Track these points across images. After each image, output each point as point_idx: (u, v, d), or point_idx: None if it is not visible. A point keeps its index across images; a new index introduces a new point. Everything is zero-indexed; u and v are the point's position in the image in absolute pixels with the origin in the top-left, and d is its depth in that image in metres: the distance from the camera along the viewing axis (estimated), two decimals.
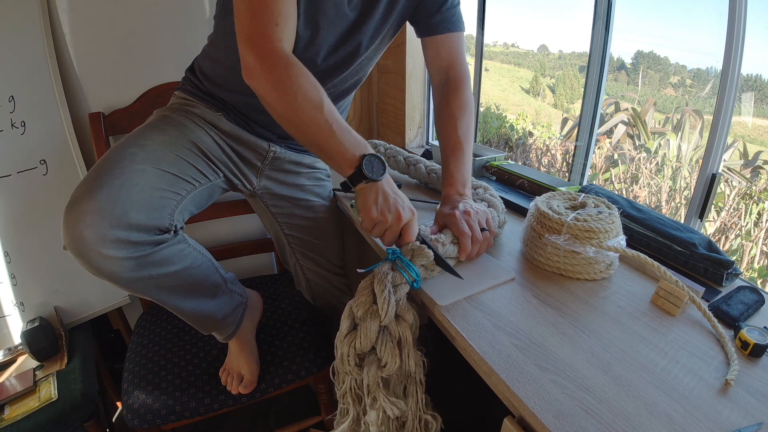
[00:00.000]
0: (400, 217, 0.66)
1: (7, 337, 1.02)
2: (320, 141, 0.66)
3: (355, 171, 0.66)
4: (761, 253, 1.64)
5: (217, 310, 0.82)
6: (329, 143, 0.66)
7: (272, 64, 0.64)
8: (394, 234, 0.68)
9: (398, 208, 0.67)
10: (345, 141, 0.66)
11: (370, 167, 0.65)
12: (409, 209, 0.68)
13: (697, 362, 0.53)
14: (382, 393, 0.61)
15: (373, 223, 0.67)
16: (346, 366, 0.62)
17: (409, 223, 0.68)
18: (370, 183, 0.66)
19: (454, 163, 0.82)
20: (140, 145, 0.71)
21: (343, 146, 0.66)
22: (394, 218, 0.66)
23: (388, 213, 0.66)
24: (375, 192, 0.66)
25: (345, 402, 0.66)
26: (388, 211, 0.66)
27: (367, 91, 1.61)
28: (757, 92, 1.91)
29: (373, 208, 0.66)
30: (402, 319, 0.62)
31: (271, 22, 0.64)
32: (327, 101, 0.66)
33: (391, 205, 0.66)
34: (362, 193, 0.67)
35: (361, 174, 0.65)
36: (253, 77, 0.65)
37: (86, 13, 1.01)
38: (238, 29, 0.66)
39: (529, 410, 0.47)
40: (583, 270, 0.69)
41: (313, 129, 0.65)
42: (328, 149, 0.67)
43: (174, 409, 0.85)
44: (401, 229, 0.68)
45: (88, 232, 0.60)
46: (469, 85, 0.89)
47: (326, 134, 0.65)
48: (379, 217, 0.66)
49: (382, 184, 0.67)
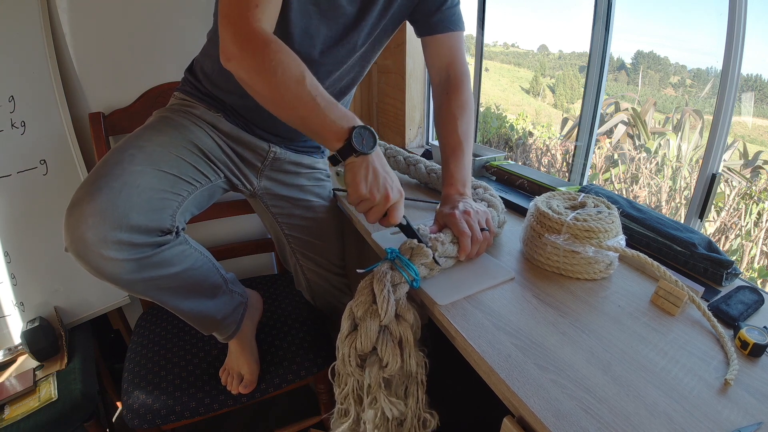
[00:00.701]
0: (388, 197, 0.65)
1: (7, 337, 1.02)
2: (305, 116, 0.64)
3: (345, 144, 0.63)
4: (761, 253, 1.64)
5: (218, 311, 0.82)
6: (315, 117, 0.63)
7: (249, 43, 0.62)
8: (379, 212, 0.67)
9: (387, 188, 0.65)
10: (331, 113, 0.63)
11: (359, 139, 0.63)
12: (397, 190, 0.67)
13: (697, 362, 0.53)
14: (383, 393, 0.61)
15: (360, 199, 0.65)
16: (348, 367, 0.62)
17: (396, 204, 0.67)
18: (361, 156, 0.64)
19: (454, 163, 0.82)
20: (140, 147, 0.71)
21: (329, 119, 0.63)
22: (382, 197, 0.65)
23: (376, 191, 0.65)
24: (365, 167, 0.64)
25: (345, 403, 0.66)
26: (376, 189, 0.65)
27: (367, 91, 1.61)
28: (757, 92, 1.91)
29: (362, 184, 0.64)
30: (402, 319, 0.62)
31: (251, 4, 0.63)
32: (309, 75, 0.64)
33: (381, 184, 0.65)
34: (352, 168, 0.65)
35: (350, 147, 0.63)
36: (231, 59, 0.63)
37: (86, 13, 1.01)
38: (220, 15, 0.64)
39: (528, 410, 0.47)
40: (582, 270, 0.69)
41: (297, 104, 0.63)
42: (314, 124, 0.64)
43: (174, 409, 0.85)
44: (387, 209, 0.67)
45: (90, 234, 0.60)
46: (469, 84, 0.89)
47: (311, 108, 0.63)
48: (366, 194, 0.65)
49: (373, 158, 0.65)
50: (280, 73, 0.62)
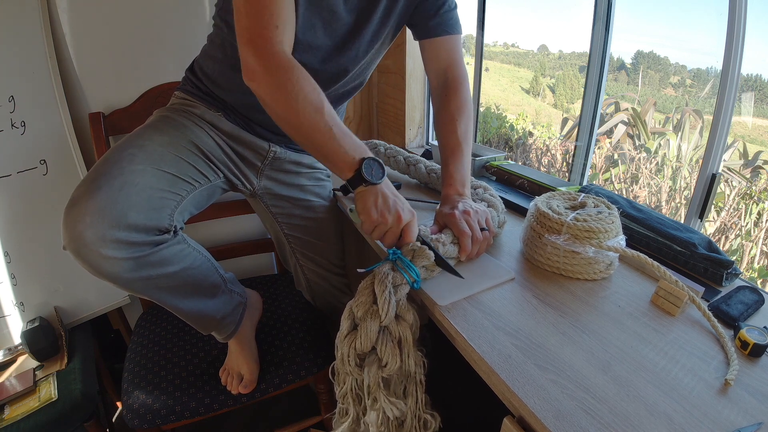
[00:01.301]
0: (401, 219, 0.67)
1: (7, 337, 1.02)
2: (320, 144, 0.67)
3: (355, 174, 0.66)
4: (761, 253, 1.64)
5: (216, 310, 0.82)
6: (329, 146, 0.66)
7: (273, 67, 0.65)
8: (394, 235, 0.68)
9: (398, 210, 0.67)
10: (345, 144, 0.66)
11: (369, 170, 0.66)
12: (408, 211, 0.69)
13: (697, 362, 0.53)
14: (383, 393, 0.61)
15: (374, 225, 0.67)
16: (347, 366, 0.62)
17: (409, 224, 0.68)
18: (370, 186, 0.67)
19: (453, 164, 0.82)
20: (140, 146, 0.71)
21: (342, 149, 0.66)
22: (394, 220, 0.67)
23: (388, 215, 0.67)
24: (374, 195, 0.67)
25: (345, 402, 0.66)
26: (388, 212, 0.67)
27: (367, 91, 1.61)
28: (757, 92, 1.91)
29: (372, 211, 0.66)
30: (402, 319, 0.62)
31: (271, 24, 0.65)
32: (327, 105, 0.67)
33: (391, 207, 0.67)
34: (362, 197, 0.68)
35: (360, 177, 0.66)
36: (254, 79, 0.66)
37: (86, 13, 1.01)
38: (239, 31, 0.66)
39: (528, 410, 0.47)
40: (582, 270, 0.69)
41: (313, 132, 0.66)
42: (327, 152, 0.67)
43: (174, 409, 0.85)
44: (401, 230, 0.68)
45: (88, 232, 0.60)
46: (468, 86, 0.89)
47: (326, 137, 0.66)
48: (379, 219, 0.67)
49: (382, 186, 0.67)
50: (302, 99, 0.65)
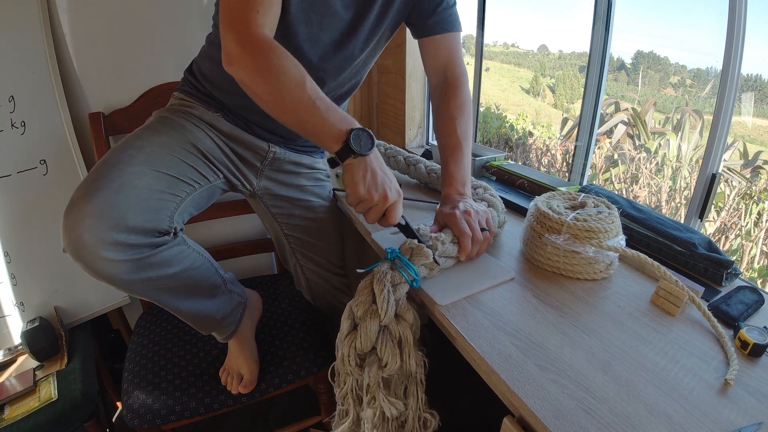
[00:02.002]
0: (387, 197, 0.66)
1: (7, 337, 1.02)
2: (305, 119, 0.65)
3: (343, 146, 0.65)
4: (761, 253, 1.64)
5: (216, 311, 0.82)
6: (314, 120, 0.65)
7: (252, 48, 0.64)
8: (378, 213, 0.67)
9: (385, 188, 0.66)
10: (330, 116, 0.65)
11: (357, 141, 0.64)
12: (395, 190, 0.68)
13: (697, 362, 0.53)
14: (382, 393, 0.61)
15: (359, 200, 0.66)
16: (347, 366, 0.62)
17: (395, 204, 0.68)
18: (359, 158, 0.65)
19: (453, 163, 0.82)
20: (138, 147, 0.71)
21: (328, 122, 0.65)
22: (380, 197, 0.66)
23: (375, 192, 0.66)
24: (363, 168, 0.65)
25: (345, 403, 0.66)
26: (375, 189, 0.66)
27: (367, 91, 1.61)
28: (757, 92, 1.91)
29: (360, 185, 0.65)
30: (402, 319, 0.62)
31: (252, 8, 0.64)
32: (309, 80, 0.65)
33: (379, 184, 0.66)
34: (350, 169, 0.66)
35: (348, 148, 0.64)
36: (232, 62, 0.64)
37: (86, 13, 1.01)
38: (221, 16, 0.65)
39: (528, 410, 0.47)
40: (583, 270, 0.69)
41: (297, 107, 0.64)
42: (313, 126, 0.66)
43: (174, 409, 0.85)
44: (386, 210, 0.67)
45: (87, 235, 0.60)
46: (467, 85, 0.89)
47: (311, 111, 0.64)
48: (365, 194, 0.65)
49: (371, 159, 0.66)
50: (282, 76, 0.63)
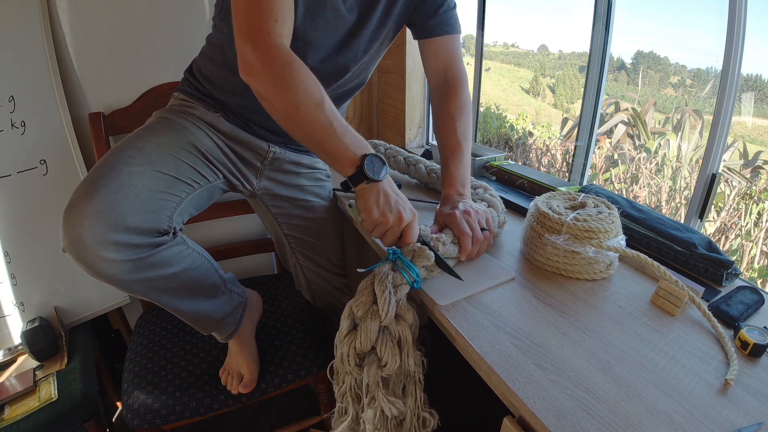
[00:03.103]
0: (402, 219, 0.66)
1: (7, 337, 1.02)
2: (321, 139, 0.65)
3: (356, 171, 0.65)
4: (761, 253, 1.64)
5: (217, 311, 0.82)
6: (330, 142, 0.65)
7: (272, 60, 0.63)
8: (395, 235, 0.68)
9: (399, 209, 0.66)
10: (346, 139, 0.65)
11: (371, 167, 0.65)
12: (410, 210, 0.68)
13: (697, 362, 0.53)
14: (381, 392, 0.61)
15: (375, 224, 0.66)
16: (346, 366, 0.62)
17: (411, 224, 0.68)
18: (371, 183, 0.66)
19: (453, 164, 0.82)
20: (138, 148, 0.71)
21: (343, 144, 0.65)
22: (395, 219, 0.66)
23: (389, 214, 0.66)
24: (376, 193, 0.66)
25: (344, 401, 0.66)
26: (389, 212, 0.66)
27: (367, 91, 1.61)
28: (757, 92, 1.91)
29: (374, 209, 0.65)
30: (402, 319, 0.62)
31: (270, 18, 0.64)
32: (328, 99, 0.65)
33: (393, 206, 0.66)
34: (363, 194, 0.66)
35: (362, 174, 0.64)
36: (252, 73, 0.64)
37: (86, 13, 1.01)
38: (236, 25, 0.65)
39: (529, 410, 0.47)
40: (583, 270, 0.69)
41: (313, 127, 0.64)
42: (328, 148, 0.66)
43: (174, 409, 0.85)
44: (402, 231, 0.68)
45: (87, 235, 0.60)
46: (467, 86, 0.89)
47: (327, 132, 0.64)
48: (380, 218, 0.66)
49: (383, 184, 0.66)
50: (301, 93, 0.63)
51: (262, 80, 0.64)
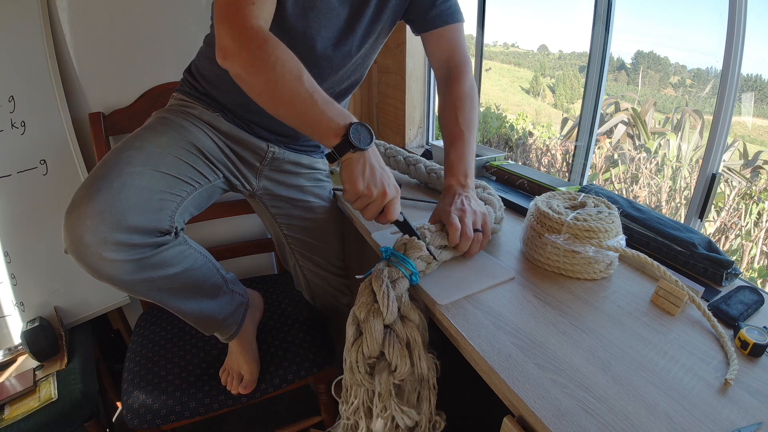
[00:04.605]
0: (386, 194, 0.66)
1: (7, 337, 1.02)
2: (303, 112, 0.64)
3: (342, 140, 0.63)
4: (761, 253, 1.64)
5: (219, 311, 0.82)
6: (312, 113, 0.64)
7: (248, 40, 0.62)
8: (376, 209, 0.67)
9: (384, 184, 0.66)
10: (328, 110, 0.64)
11: (357, 135, 0.64)
12: (394, 186, 0.67)
13: (697, 362, 0.53)
14: (395, 402, 0.59)
15: (357, 195, 0.65)
16: (357, 375, 0.60)
17: (393, 201, 0.67)
18: (358, 153, 0.64)
19: (454, 153, 0.81)
20: (138, 148, 0.71)
21: (326, 116, 0.64)
22: (379, 193, 0.65)
23: (374, 188, 0.65)
24: (362, 163, 0.65)
25: (355, 416, 0.64)
26: (374, 185, 0.65)
27: (367, 91, 1.61)
28: (757, 92, 1.91)
29: (359, 181, 0.64)
30: (407, 320, 0.61)
31: (247, 1, 0.63)
32: (306, 72, 0.64)
33: (378, 180, 0.65)
34: (348, 164, 0.65)
35: (347, 143, 0.63)
36: (227, 56, 0.63)
37: (86, 13, 1.01)
38: (215, 9, 0.64)
39: (528, 409, 0.47)
40: (582, 270, 0.69)
41: (294, 101, 0.63)
42: (311, 120, 0.64)
43: (174, 409, 0.85)
44: (384, 206, 0.67)
45: (89, 235, 0.60)
46: (470, 73, 0.87)
47: (308, 104, 0.63)
48: (364, 190, 0.65)
49: (369, 154, 0.65)
50: (279, 68, 0.62)
51: (239, 61, 0.62)
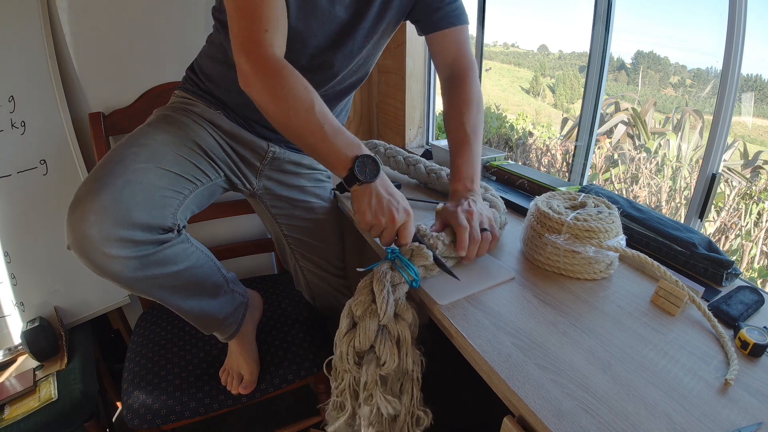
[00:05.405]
0: (394, 220, 0.66)
1: (7, 337, 1.02)
2: (313, 143, 0.67)
3: (349, 173, 0.66)
4: (761, 253, 1.64)
5: (219, 310, 0.82)
6: (322, 145, 0.66)
7: (264, 70, 0.65)
8: (390, 235, 0.68)
9: (391, 211, 0.66)
10: (337, 142, 0.66)
11: (362, 169, 0.65)
12: (403, 211, 0.68)
13: (697, 362, 0.53)
14: (379, 390, 0.61)
15: (368, 225, 0.67)
16: (345, 364, 0.62)
17: (405, 225, 0.68)
18: (364, 185, 0.66)
19: (460, 158, 0.81)
20: (142, 145, 0.71)
21: (335, 147, 0.66)
22: (387, 221, 0.66)
23: (381, 216, 0.66)
24: (368, 194, 0.66)
25: (341, 397, 0.66)
26: (381, 214, 0.66)
27: (367, 91, 1.61)
28: (757, 92, 1.91)
29: (366, 212, 0.66)
30: (401, 318, 0.62)
31: (261, 29, 0.66)
32: (319, 103, 0.66)
33: (384, 208, 0.66)
34: (356, 196, 0.67)
35: (354, 176, 0.65)
36: (247, 84, 0.67)
37: (86, 13, 1.01)
38: (232, 36, 0.67)
39: (529, 409, 0.47)
40: (583, 270, 0.69)
41: (305, 131, 0.66)
42: (321, 151, 0.67)
43: (174, 409, 0.85)
44: (397, 231, 0.68)
45: (92, 231, 0.60)
46: (476, 77, 0.87)
47: (318, 136, 0.66)
48: (372, 220, 0.66)
49: (376, 185, 0.67)
50: (291, 99, 0.65)
51: (256, 90, 0.66)
